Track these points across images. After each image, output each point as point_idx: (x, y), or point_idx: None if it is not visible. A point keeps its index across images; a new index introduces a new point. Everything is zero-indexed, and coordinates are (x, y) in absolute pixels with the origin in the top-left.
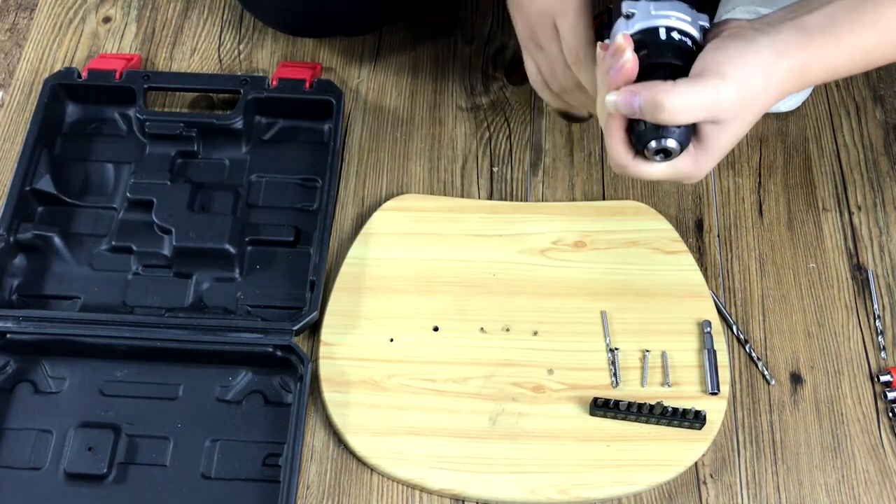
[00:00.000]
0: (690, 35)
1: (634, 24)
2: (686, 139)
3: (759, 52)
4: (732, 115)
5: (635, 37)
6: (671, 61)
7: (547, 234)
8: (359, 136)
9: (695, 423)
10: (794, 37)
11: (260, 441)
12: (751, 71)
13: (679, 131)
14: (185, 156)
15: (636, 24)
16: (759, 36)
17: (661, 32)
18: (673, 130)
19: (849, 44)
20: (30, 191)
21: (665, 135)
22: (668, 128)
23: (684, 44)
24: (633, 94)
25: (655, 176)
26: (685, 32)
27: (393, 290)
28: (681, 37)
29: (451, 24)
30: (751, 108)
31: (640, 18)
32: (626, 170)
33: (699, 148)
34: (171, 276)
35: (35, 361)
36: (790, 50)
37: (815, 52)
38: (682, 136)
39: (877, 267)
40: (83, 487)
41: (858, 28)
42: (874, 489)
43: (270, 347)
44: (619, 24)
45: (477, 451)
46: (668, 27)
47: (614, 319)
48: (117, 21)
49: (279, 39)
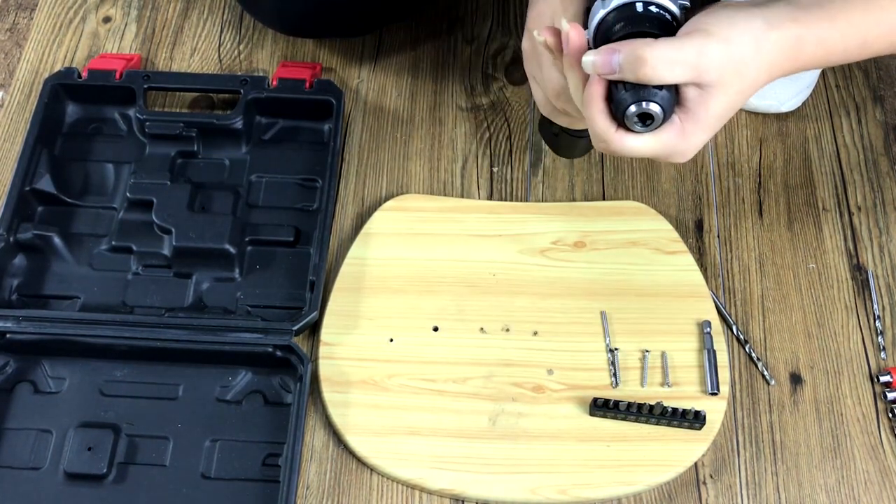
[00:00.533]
0: (669, 10)
1: (610, 3)
2: (669, 105)
3: (749, 18)
4: (719, 77)
5: (611, 14)
6: (648, 30)
7: (547, 234)
8: (359, 136)
9: (695, 423)
10: (786, 9)
11: (260, 441)
12: (740, 33)
13: (661, 94)
14: (185, 156)
15: (612, 2)
16: (752, 7)
17: (638, 6)
18: (655, 93)
19: (844, 22)
20: (30, 191)
21: (646, 97)
22: (650, 89)
23: (662, 16)
24: (613, 52)
25: (641, 150)
26: (663, 6)
27: (393, 290)
28: (658, 10)
29: (451, 24)
30: (740, 74)
31: None
32: (609, 144)
33: (686, 117)
34: (171, 276)
35: (35, 361)
36: (783, 21)
37: (808, 26)
38: (664, 101)
39: (877, 267)
40: (83, 487)
41: (855, 6)
42: (874, 489)
43: (270, 347)
44: (597, 5)
45: (477, 452)
46: (645, 1)
47: (614, 319)
48: (117, 21)
49: (279, 39)
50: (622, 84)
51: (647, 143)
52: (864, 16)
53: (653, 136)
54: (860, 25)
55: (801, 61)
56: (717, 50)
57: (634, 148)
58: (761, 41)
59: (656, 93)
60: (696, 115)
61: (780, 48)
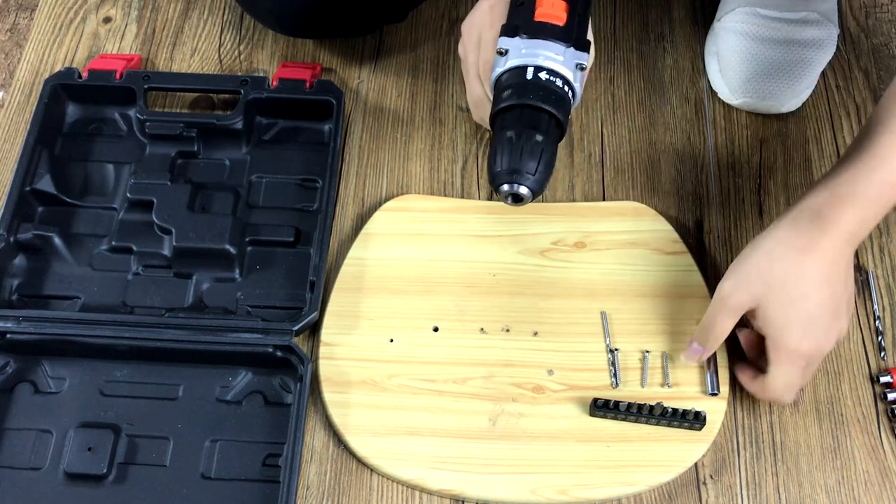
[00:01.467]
0: (561, 75)
1: (507, 61)
2: (540, 188)
3: (756, 241)
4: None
5: (505, 75)
6: (531, 102)
7: (547, 234)
8: (359, 137)
9: (695, 423)
10: (790, 208)
11: (260, 441)
12: (751, 258)
13: (533, 179)
14: (186, 156)
15: (508, 61)
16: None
17: (528, 72)
18: (528, 177)
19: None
20: (30, 191)
21: (518, 181)
22: (523, 173)
23: (552, 84)
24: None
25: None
26: (555, 72)
27: (393, 290)
28: (549, 77)
29: (451, 24)
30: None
31: (511, 56)
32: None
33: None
34: (171, 276)
35: (35, 361)
36: (786, 214)
37: (814, 197)
38: (535, 184)
39: (877, 268)
40: (83, 487)
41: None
42: (874, 490)
43: (270, 348)
44: (497, 60)
45: (477, 452)
46: (536, 66)
47: (614, 320)
48: (118, 21)
49: (279, 40)
50: (495, 156)
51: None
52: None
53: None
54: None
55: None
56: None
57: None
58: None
59: (529, 178)
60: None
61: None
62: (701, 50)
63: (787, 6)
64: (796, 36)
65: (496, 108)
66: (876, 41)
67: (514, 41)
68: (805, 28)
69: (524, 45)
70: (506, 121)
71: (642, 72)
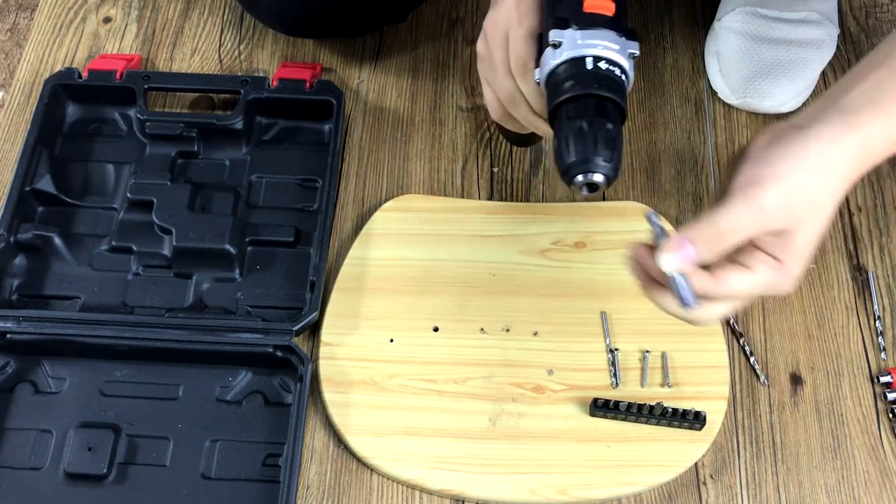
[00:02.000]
0: (619, 64)
1: (561, 53)
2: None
3: (804, 147)
4: (790, 217)
5: (562, 67)
6: (596, 91)
7: (547, 234)
8: (359, 137)
9: (695, 423)
10: (838, 119)
11: (260, 441)
12: (800, 169)
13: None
14: (186, 156)
15: (563, 53)
16: (803, 135)
17: (588, 62)
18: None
19: None
20: (30, 191)
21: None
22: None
23: (611, 73)
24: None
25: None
26: (613, 62)
27: (393, 290)
28: (608, 66)
29: (451, 24)
30: (815, 204)
31: (567, 48)
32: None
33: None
34: (171, 276)
35: (35, 361)
36: (840, 135)
37: (868, 129)
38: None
39: (877, 268)
40: (83, 487)
41: None
42: (874, 490)
43: (270, 348)
44: (548, 52)
45: (477, 452)
46: (595, 56)
47: (614, 320)
48: (118, 21)
49: (279, 40)
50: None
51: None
52: None
53: (753, 274)
54: None
55: (874, 161)
56: (777, 198)
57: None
58: (827, 166)
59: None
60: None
61: (849, 162)
62: (701, 50)
63: (787, 6)
64: (796, 36)
65: (557, 99)
66: (876, 41)
67: (566, 33)
68: (805, 28)
69: (579, 36)
70: (571, 111)
71: (642, 71)
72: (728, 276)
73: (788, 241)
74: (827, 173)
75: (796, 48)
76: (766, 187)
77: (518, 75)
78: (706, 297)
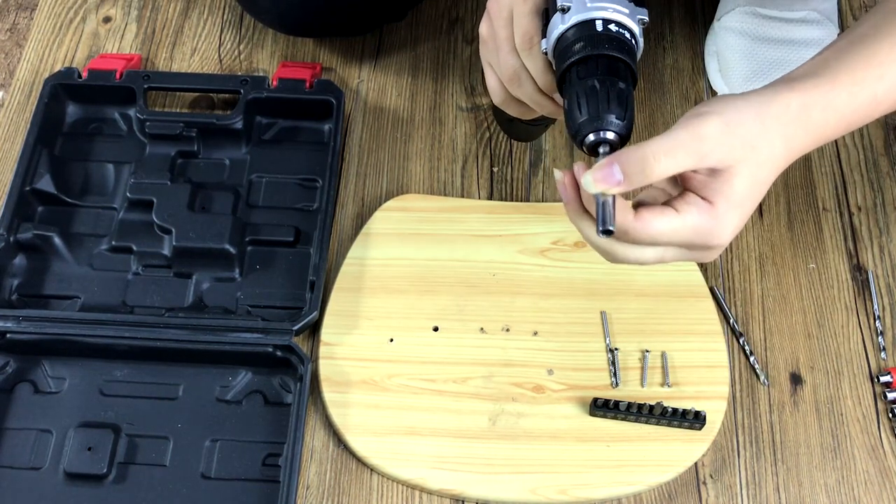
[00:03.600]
0: (629, 28)
1: (570, 17)
2: (628, 133)
3: (747, 98)
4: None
5: (571, 30)
6: (607, 52)
7: (547, 234)
8: (359, 137)
9: (695, 423)
10: (782, 83)
11: (260, 441)
12: (738, 110)
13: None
14: (185, 156)
15: (572, 17)
16: (746, 93)
17: (598, 24)
18: (616, 123)
19: (847, 81)
20: (30, 191)
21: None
22: (610, 120)
23: (622, 36)
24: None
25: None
26: (623, 25)
27: (393, 290)
28: (619, 29)
29: (451, 24)
30: (752, 147)
31: (576, 11)
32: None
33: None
34: (171, 276)
35: (35, 361)
36: (780, 93)
37: (808, 92)
38: (623, 129)
39: (877, 267)
40: (83, 487)
41: (856, 63)
42: (874, 490)
43: (270, 347)
44: (556, 18)
45: (477, 452)
46: (604, 19)
47: (614, 320)
48: (117, 21)
49: (279, 39)
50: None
51: (673, 225)
52: (867, 71)
53: (680, 217)
54: (865, 82)
55: (815, 128)
56: (716, 127)
57: (658, 232)
58: (763, 115)
59: (616, 123)
60: (721, 195)
61: (787, 117)
62: (701, 50)
63: (787, 6)
64: (796, 35)
65: (567, 62)
66: None
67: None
68: (805, 27)
69: (588, 0)
70: (581, 72)
71: (642, 71)
72: (652, 216)
73: (724, 181)
74: (765, 122)
75: (796, 48)
76: (705, 118)
77: (523, 50)
78: (626, 237)
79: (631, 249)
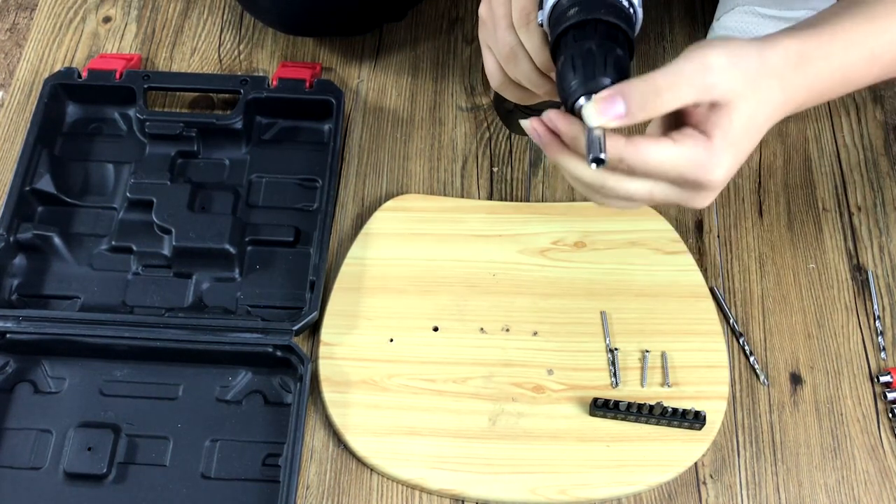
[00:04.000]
0: None
1: None
2: None
3: (747, 40)
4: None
5: None
6: (603, 17)
7: (547, 234)
8: (359, 136)
9: (695, 423)
10: (783, 32)
11: (260, 441)
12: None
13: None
14: (185, 156)
15: None
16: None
17: None
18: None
19: (845, 36)
20: (30, 191)
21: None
22: (599, 79)
23: (619, 2)
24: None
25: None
26: None
27: (393, 290)
28: None
29: (451, 24)
30: (753, 84)
31: None
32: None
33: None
34: (171, 276)
35: (35, 361)
36: (780, 39)
37: (808, 42)
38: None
39: (877, 267)
40: (83, 487)
41: (855, 21)
42: (874, 489)
43: (270, 347)
44: None
45: (477, 452)
46: None
47: (614, 320)
48: (117, 21)
49: (279, 39)
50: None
51: (669, 153)
52: (865, 26)
53: (676, 146)
54: (864, 38)
55: (812, 79)
56: (721, 59)
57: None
58: (764, 55)
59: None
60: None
61: (786, 61)
62: None
63: (787, 5)
64: None
65: (561, 27)
66: None
67: None
68: None
69: None
70: (577, 36)
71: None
72: (648, 144)
73: (724, 115)
74: (766, 62)
75: None
76: (710, 50)
77: (520, 26)
78: (620, 165)
79: (622, 182)
